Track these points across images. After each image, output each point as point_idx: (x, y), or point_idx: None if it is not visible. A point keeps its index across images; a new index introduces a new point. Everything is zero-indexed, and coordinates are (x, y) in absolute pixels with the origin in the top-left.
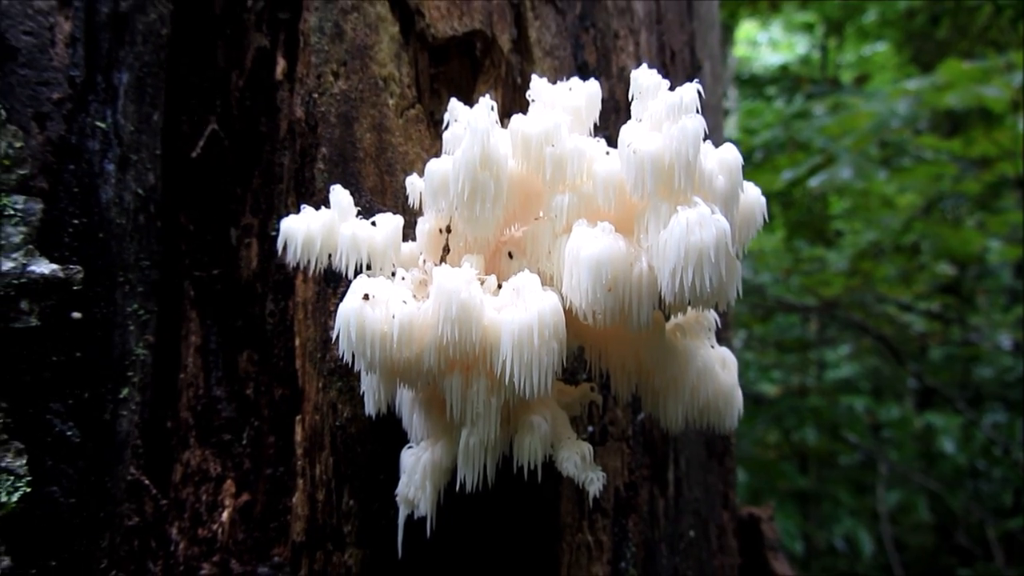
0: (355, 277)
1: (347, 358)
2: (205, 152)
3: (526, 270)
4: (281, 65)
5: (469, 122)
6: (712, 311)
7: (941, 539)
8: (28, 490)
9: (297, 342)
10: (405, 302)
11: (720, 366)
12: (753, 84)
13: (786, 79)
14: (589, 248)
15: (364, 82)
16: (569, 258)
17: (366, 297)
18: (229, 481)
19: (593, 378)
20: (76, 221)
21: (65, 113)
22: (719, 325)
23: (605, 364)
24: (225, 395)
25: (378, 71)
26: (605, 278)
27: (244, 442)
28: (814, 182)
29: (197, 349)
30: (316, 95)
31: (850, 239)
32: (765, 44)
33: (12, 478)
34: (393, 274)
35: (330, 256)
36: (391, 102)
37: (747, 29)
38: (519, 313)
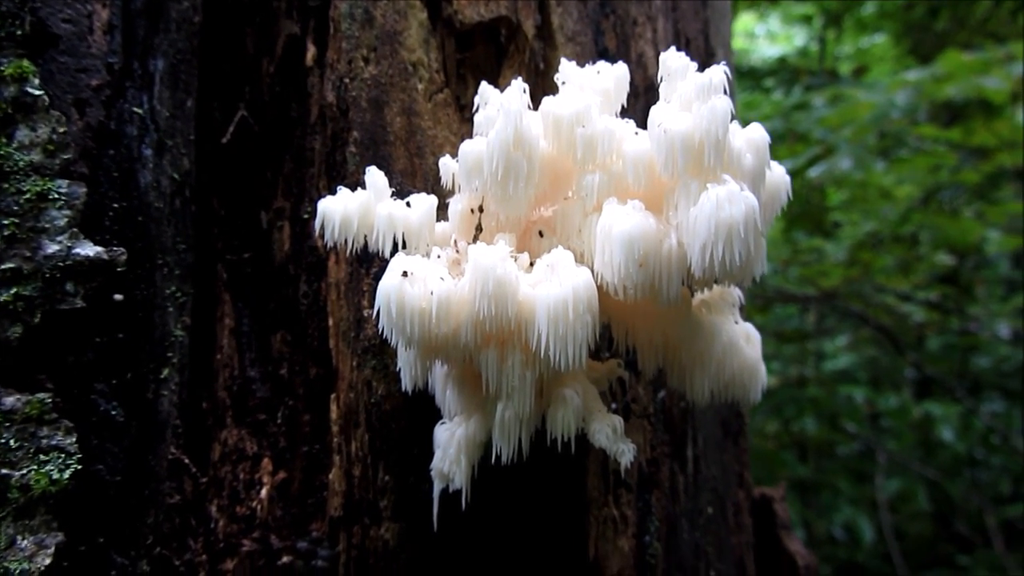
0: (391, 256)
1: (386, 334)
2: (235, 137)
3: (557, 248)
4: (311, 51)
5: (502, 104)
6: (736, 288)
7: (940, 527)
8: (79, 467)
9: (330, 322)
10: (443, 279)
11: (744, 341)
12: (751, 76)
13: (784, 71)
14: (621, 224)
15: (394, 67)
16: (601, 235)
17: (405, 274)
18: (266, 459)
19: (619, 354)
20: (116, 205)
21: (104, 99)
22: (742, 302)
23: (632, 340)
24: (259, 375)
25: (407, 56)
26: (637, 254)
27: (279, 421)
28: (814, 172)
29: (231, 331)
30: (347, 80)
31: (848, 230)
32: (763, 36)
33: (63, 455)
34: (427, 253)
35: (365, 236)
36: (420, 87)
37: (745, 21)
38: (554, 288)
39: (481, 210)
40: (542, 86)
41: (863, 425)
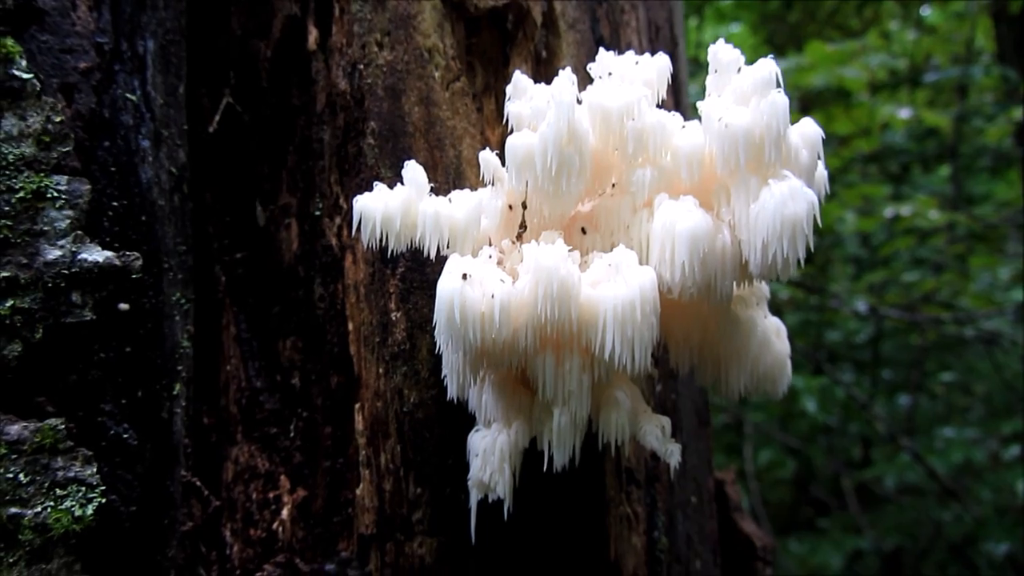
0: (435, 256)
1: (443, 340)
2: (223, 126)
3: (620, 247)
4: (313, 34)
5: (553, 96)
6: (764, 282)
7: (799, 493)
8: (103, 500)
9: (350, 326)
10: (503, 281)
11: (775, 335)
12: None
13: None
14: (684, 223)
15: (409, 53)
16: (661, 232)
17: (464, 277)
18: (282, 477)
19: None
20: (115, 203)
21: (94, 84)
22: (768, 295)
23: (665, 337)
24: (266, 386)
25: (422, 42)
26: (702, 252)
27: (292, 435)
28: None
29: (234, 339)
30: (361, 66)
31: None
32: None
33: (83, 488)
34: (474, 252)
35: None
36: (437, 74)
37: None
38: (620, 289)
39: (524, 206)
40: (545, 75)
41: (731, 401)
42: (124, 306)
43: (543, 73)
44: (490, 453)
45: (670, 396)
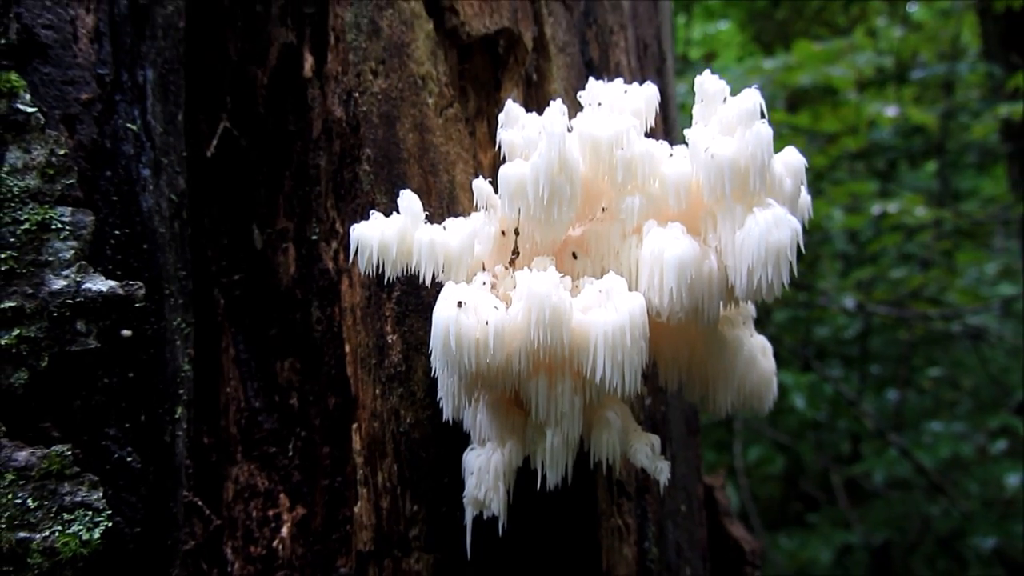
0: (431, 283)
1: (439, 365)
2: (220, 151)
3: (609, 273)
4: (309, 62)
5: (544, 127)
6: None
7: (789, 488)
8: (109, 524)
9: (347, 348)
10: (496, 308)
11: (761, 353)
12: None
13: None
14: (672, 250)
15: (403, 80)
16: (650, 259)
17: (459, 304)
18: (282, 495)
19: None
20: (118, 232)
21: (96, 115)
22: (755, 315)
23: (655, 357)
24: (264, 406)
25: (416, 69)
26: (689, 278)
27: (291, 454)
28: None
29: (233, 360)
30: (356, 94)
31: None
32: None
33: (90, 513)
34: (468, 279)
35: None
36: (430, 101)
37: None
38: (610, 315)
39: (516, 233)
40: (535, 97)
41: None
42: (127, 333)
43: (534, 96)
44: (485, 471)
45: (659, 408)
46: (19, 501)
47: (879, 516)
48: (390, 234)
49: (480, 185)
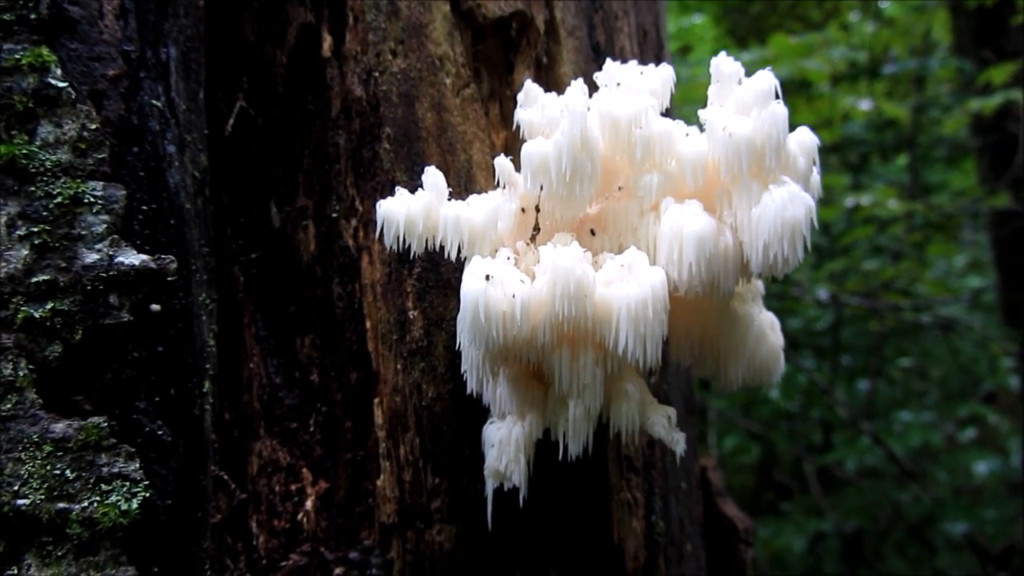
0: (455, 258)
1: (467, 338)
2: (237, 130)
3: (618, 246)
4: (328, 42)
5: (566, 105)
6: (759, 279)
7: (762, 477)
8: (147, 495)
9: (368, 324)
10: (523, 281)
11: (770, 328)
12: None
13: None
14: (692, 225)
15: (422, 61)
16: (669, 234)
17: (487, 278)
18: (305, 470)
19: None
20: (145, 207)
21: (123, 91)
22: (763, 291)
23: (669, 332)
24: (285, 382)
25: (434, 50)
26: (708, 253)
27: (312, 429)
28: None
29: (254, 337)
30: (376, 74)
31: None
32: None
33: (128, 483)
34: (492, 253)
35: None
36: (448, 81)
37: None
38: (632, 288)
39: (537, 210)
40: (546, 80)
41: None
42: (156, 307)
43: (544, 78)
44: (506, 444)
45: (662, 387)
46: (58, 472)
47: (851, 504)
48: (416, 209)
49: (502, 163)
